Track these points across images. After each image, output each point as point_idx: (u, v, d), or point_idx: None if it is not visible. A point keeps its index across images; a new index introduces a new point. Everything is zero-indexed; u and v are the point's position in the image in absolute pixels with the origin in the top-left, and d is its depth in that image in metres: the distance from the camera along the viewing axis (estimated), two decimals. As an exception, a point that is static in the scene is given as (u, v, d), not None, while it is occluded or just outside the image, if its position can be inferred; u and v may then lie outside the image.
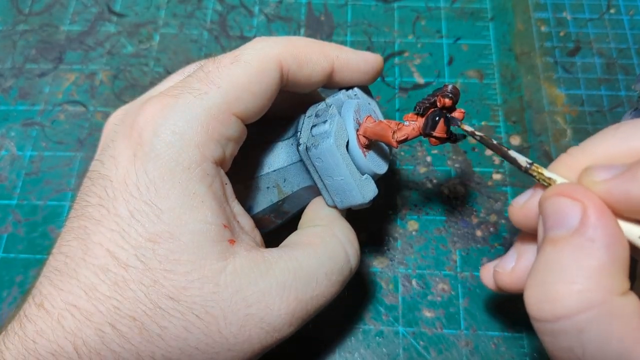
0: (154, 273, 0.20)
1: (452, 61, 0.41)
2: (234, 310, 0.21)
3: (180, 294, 0.20)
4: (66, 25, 0.43)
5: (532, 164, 0.21)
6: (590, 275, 0.16)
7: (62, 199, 0.36)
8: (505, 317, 0.31)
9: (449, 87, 0.23)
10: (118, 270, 0.20)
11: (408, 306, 0.32)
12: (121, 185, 0.21)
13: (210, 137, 0.22)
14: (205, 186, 0.22)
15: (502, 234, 0.34)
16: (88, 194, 0.22)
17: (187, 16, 0.43)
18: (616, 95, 0.39)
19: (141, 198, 0.21)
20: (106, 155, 0.22)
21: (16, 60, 0.41)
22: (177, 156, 0.21)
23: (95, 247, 0.20)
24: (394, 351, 0.31)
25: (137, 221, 0.20)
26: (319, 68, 0.25)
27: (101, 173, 0.22)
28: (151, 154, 0.21)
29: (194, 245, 0.21)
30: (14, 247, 0.34)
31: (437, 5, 0.43)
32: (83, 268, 0.20)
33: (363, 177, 0.25)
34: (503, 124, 0.38)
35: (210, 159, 0.22)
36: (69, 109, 0.39)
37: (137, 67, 0.41)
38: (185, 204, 0.21)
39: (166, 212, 0.21)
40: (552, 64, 0.40)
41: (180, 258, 0.20)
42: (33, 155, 0.37)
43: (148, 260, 0.20)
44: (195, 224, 0.21)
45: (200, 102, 0.22)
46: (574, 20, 0.42)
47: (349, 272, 0.25)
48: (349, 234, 0.26)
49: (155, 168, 0.21)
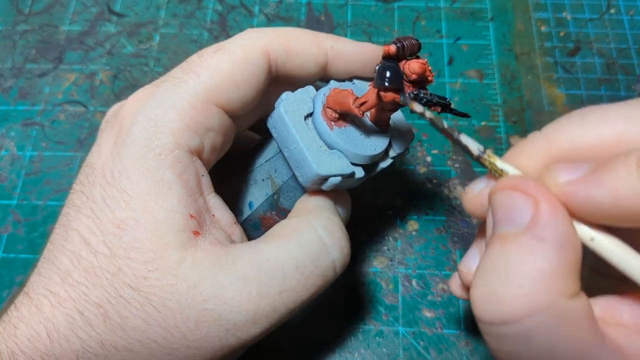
0: (118, 260, 0.20)
1: (452, 61, 0.41)
2: (191, 304, 0.20)
3: (140, 283, 0.20)
4: (66, 25, 0.43)
5: (485, 151, 0.19)
6: (538, 278, 0.15)
7: (62, 199, 0.36)
8: (505, 317, 0.31)
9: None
10: (89, 257, 0.20)
11: (408, 306, 0.32)
12: (100, 172, 0.21)
13: (186, 125, 0.22)
14: (175, 174, 0.21)
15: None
16: (76, 182, 0.22)
17: (187, 16, 0.43)
18: (616, 95, 0.39)
19: (114, 184, 0.21)
20: (95, 145, 0.23)
21: (16, 60, 0.41)
22: (149, 142, 0.21)
23: (72, 233, 0.21)
24: (394, 351, 0.31)
25: (107, 207, 0.20)
26: (311, 58, 0.24)
27: (88, 161, 0.22)
28: (127, 141, 0.21)
29: (156, 234, 0.20)
30: (14, 247, 0.34)
31: (437, 5, 0.43)
32: (61, 254, 0.20)
33: (327, 150, 0.24)
34: (503, 124, 0.38)
35: (184, 147, 0.22)
36: (69, 109, 0.39)
37: (137, 67, 0.41)
38: (152, 190, 0.21)
39: (135, 198, 0.20)
40: (552, 64, 0.40)
41: (142, 246, 0.20)
42: (33, 155, 0.37)
43: (114, 247, 0.20)
44: (159, 211, 0.20)
45: (178, 90, 0.22)
46: (574, 20, 0.42)
47: (329, 264, 0.23)
48: (329, 224, 0.24)
49: (129, 154, 0.21)
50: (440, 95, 0.22)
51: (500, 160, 0.19)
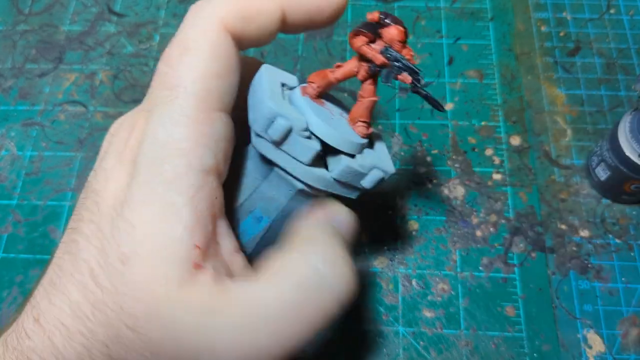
0: (121, 297, 0.19)
1: (452, 61, 0.41)
2: (187, 351, 0.19)
3: (138, 324, 0.18)
4: (66, 25, 0.43)
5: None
6: None
7: (62, 199, 0.36)
8: (505, 317, 0.31)
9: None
10: (96, 291, 0.19)
11: (408, 306, 0.32)
12: (108, 201, 0.20)
13: (196, 142, 0.20)
14: (185, 197, 0.19)
15: (502, 234, 0.34)
16: (82, 207, 0.21)
17: (187, 16, 0.43)
18: (616, 95, 0.39)
19: (122, 214, 0.19)
20: (100, 168, 0.21)
21: (16, 60, 0.41)
22: (159, 167, 0.20)
23: (82, 264, 0.20)
24: (394, 351, 0.31)
25: (114, 239, 0.19)
26: (268, 16, 0.22)
27: (93, 187, 0.21)
28: (135, 168, 0.20)
29: (155, 268, 0.19)
30: (14, 247, 0.34)
31: (437, 5, 0.43)
32: (71, 284, 0.20)
33: (289, 105, 0.22)
34: (503, 124, 0.38)
35: (197, 167, 0.20)
36: (69, 109, 0.39)
37: (137, 67, 0.41)
38: (158, 217, 0.19)
39: (138, 227, 0.19)
40: (552, 64, 0.40)
41: (140, 283, 0.19)
42: (33, 155, 0.37)
43: (118, 283, 0.19)
44: (162, 241, 0.19)
45: (174, 109, 0.20)
46: (574, 20, 0.42)
47: (332, 301, 0.21)
48: (329, 253, 0.21)
49: (137, 183, 0.19)
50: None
51: None
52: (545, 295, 0.32)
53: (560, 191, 0.35)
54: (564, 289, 0.32)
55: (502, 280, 0.33)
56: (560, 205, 0.35)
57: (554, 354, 0.30)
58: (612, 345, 0.31)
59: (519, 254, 0.33)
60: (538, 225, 0.34)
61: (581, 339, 0.31)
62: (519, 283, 0.32)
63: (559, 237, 0.34)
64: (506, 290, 0.32)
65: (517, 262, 0.33)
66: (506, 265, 0.33)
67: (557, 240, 0.34)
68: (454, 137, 0.37)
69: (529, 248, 0.33)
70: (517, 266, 0.33)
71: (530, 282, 0.32)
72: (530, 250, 0.33)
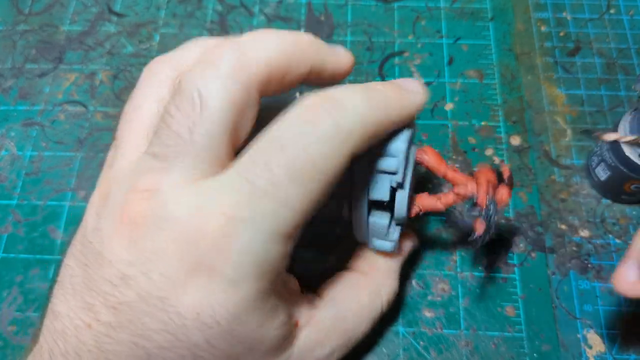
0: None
1: (452, 61, 0.41)
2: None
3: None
4: (66, 25, 0.43)
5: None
6: None
7: (62, 199, 0.36)
8: (505, 317, 0.31)
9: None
10: None
11: (408, 306, 0.32)
12: (192, 314, 0.19)
13: (282, 254, 0.20)
14: (282, 294, 0.22)
15: (502, 234, 0.34)
16: (147, 314, 0.19)
17: (187, 16, 0.43)
18: (616, 95, 0.39)
19: (219, 328, 0.19)
20: (166, 280, 0.19)
21: (16, 60, 0.41)
22: (257, 286, 0.19)
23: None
24: (394, 351, 0.31)
25: (215, 348, 0.20)
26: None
27: (160, 296, 0.19)
28: (230, 287, 0.19)
29: (270, 350, 0.21)
30: (14, 247, 0.34)
31: (437, 5, 0.43)
32: None
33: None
34: (503, 124, 0.38)
35: (282, 270, 0.21)
36: (69, 109, 0.39)
37: (137, 67, 0.41)
38: (264, 320, 0.20)
39: (245, 334, 0.20)
40: (552, 64, 0.40)
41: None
42: (33, 155, 0.37)
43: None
44: (272, 331, 0.21)
45: (273, 226, 0.19)
46: (574, 20, 0.42)
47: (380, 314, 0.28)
48: (393, 288, 0.28)
49: (233, 300, 0.19)
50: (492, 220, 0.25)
51: None
52: (545, 295, 0.32)
53: (560, 191, 0.35)
54: (564, 289, 0.32)
55: (502, 280, 0.33)
56: (560, 205, 0.35)
57: (553, 354, 0.30)
58: (612, 345, 0.31)
59: (519, 254, 0.33)
60: (538, 225, 0.34)
61: (581, 339, 0.31)
62: (519, 283, 0.32)
63: (559, 237, 0.34)
64: (506, 290, 0.32)
65: (517, 262, 0.33)
66: (506, 265, 0.33)
67: (557, 240, 0.34)
68: (454, 137, 0.37)
69: (529, 248, 0.33)
70: (517, 266, 0.33)
71: (530, 282, 0.32)
72: (530, 250, 0.33)
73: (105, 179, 0.22)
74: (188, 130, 0.19)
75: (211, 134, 0.19)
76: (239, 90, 0.20)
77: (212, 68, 0.20)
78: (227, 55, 0.20)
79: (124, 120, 0.23)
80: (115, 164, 0.22)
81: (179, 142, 0.20)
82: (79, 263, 0.21)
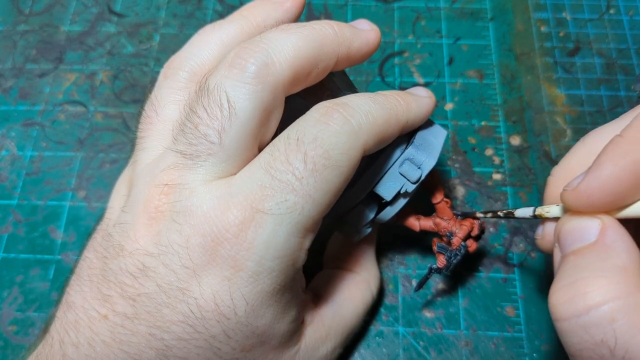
0: None
1: (452, 61, 0.41)
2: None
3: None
4: (66, 25, 0.43)
5: (535, 209, 0.23)
6: (616, 271, 0.17)
7: (62, 199, 0.36)
8: (505, 317, 0.31)
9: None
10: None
11: (408, 306, 0.32)
12: (210, 305, 0.19)
13: (302, 249, 0.21)
14: (295, 290, 0.22)
15: (502, 234, 0.34)
16: (166, 305, 0.19)
17: (187, 16, 0.43)
18: (616, 96, 0.39)
19: (237, 320, 0.20)
20: (187, 271, 0.20)
21: (16, 61, 0.41)
22: (276, 279, 0.20)
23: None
24: (394, 351, 0.31)
25: (232, 339, 0.20)
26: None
27: (181, 287, 0.19)
28: (250, 280, 0.20)
29: (280, 345, 0.22)
30: (14, 247, 0.34)
31: (437, 5, 0.43)
32: None
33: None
34: (503, 124, 0.38)
35: (300, 266, 0.22)
36: (69, 109, 0.39)
37: (137, 67, 0.41)
38: (278, 314, 0.21)
39: (261, 326, 0.20)
40: (552, 64, 0.40)
41: (267, 357, 0.22)
42: (33, 155, 0.37)
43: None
44: (284, 326, 0.22)
45: (296, 219, 0.20)
46: (573, 21, 0.42)
47: (372, 300, 0.30)
48: (377, 276, 0.30)
49: (253, 293, 0.20)
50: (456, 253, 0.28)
51: (544, 207, 0.23)
52: (545, 295, 0.32)
53: (560, 191, 0.35)
54: (563, 289, 0.32)
55: (502, 280, 0.33)
56: (560, 205, 0.35)
57: (553, 354, 0.30)
58: (612, 345, 0.31)
59: (519, 254, 0.33)
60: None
61: (581, 339, 0.31)
62: (518, 283, 0.32)
63: (558, 237, 0.34)
64: (506, 290, 0.32)
65: (517, 262, 0.33)
66: (506, 265, 0.33)
67: (557, 240, 0.34)
68: (454, 137, 0.37)
69: (529, 248, 0.33)
70: (517, 266, 0.33)
71: (530, 282, 0.32)
72: (530, 250, 0.33)
73: (128, 175, 0.23)
74: (217, 134, 0.20)
75: (239, 138, 0.20)
76: (266, 95, 0.20)
77: (239, 71, 0.20)
78: (254, 59, 0.20)
79: (146, 121, 0.24)
80: (139, 161, 0.22)
81: (206, 143, 0.20)
82: (98, 255, 0.21)
